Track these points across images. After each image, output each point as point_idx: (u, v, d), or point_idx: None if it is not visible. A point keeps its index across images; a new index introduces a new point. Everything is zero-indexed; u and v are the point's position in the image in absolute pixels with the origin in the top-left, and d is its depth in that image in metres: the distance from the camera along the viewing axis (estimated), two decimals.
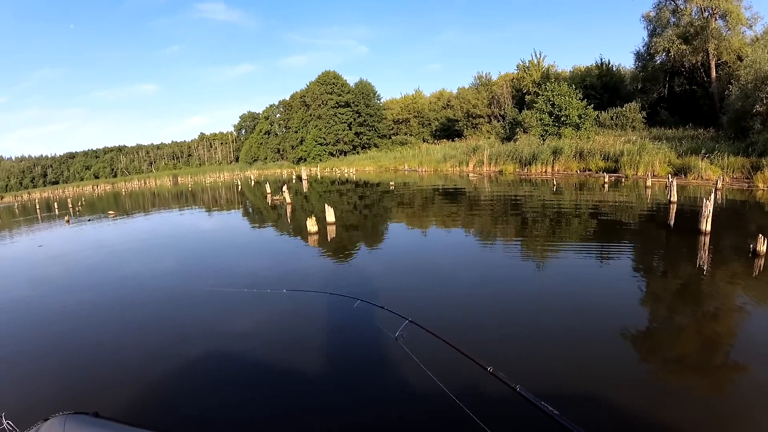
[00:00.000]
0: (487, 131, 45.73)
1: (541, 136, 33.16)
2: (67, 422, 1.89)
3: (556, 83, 34.40)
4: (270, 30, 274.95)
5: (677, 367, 4.68)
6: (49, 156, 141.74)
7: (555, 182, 21.23)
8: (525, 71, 44.82)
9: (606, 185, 18.89)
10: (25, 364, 5.75)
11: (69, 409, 2.02)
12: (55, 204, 41.55)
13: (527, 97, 42.06)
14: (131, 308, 7.71)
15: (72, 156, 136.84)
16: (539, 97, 35.49)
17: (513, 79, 46.77)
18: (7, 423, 2.53)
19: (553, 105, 33.32)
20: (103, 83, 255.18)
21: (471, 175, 30.76)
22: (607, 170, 23.07)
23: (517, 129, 37.91)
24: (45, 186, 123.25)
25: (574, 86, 34.12)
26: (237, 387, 4.70)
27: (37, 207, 43.39)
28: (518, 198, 17.34)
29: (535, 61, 44.85)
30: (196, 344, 5.85)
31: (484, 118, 47.50)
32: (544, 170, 27.30)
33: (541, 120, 33.97)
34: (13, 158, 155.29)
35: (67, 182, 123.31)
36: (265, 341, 5.87)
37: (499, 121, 45.50)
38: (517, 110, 42.03)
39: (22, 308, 8.38)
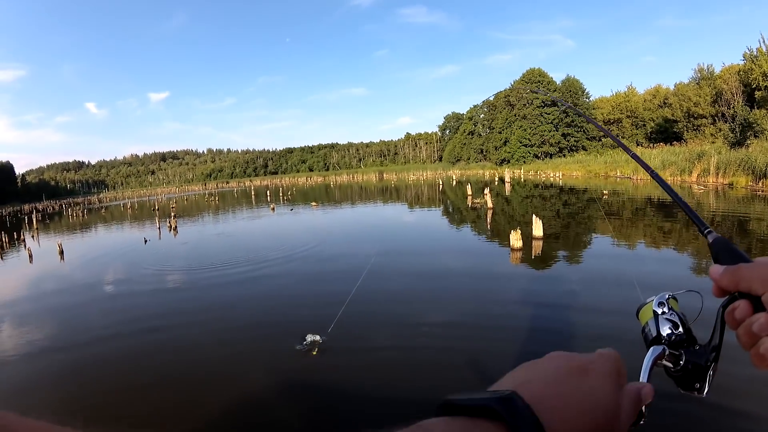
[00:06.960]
0: (712, 134, 42.64)
1: None
2: None
3: None
4: (472, 29, 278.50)
5: None
6: (270, 150, 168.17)
7: None
8: (753, 61, 39.64)
9: None
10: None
11: None
12: (268, 192, 50.73)
13: (757, 93, 38.10)
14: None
15: (290, 150, 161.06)
16: None
17: (740, 71, 41.90)
18: None
19: None
20: (317, 88, 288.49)
21: (695, 186, 28.36)
22: None
23: (749, 132, 35.15)
24: (265, 175, 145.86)
25: None
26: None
27: (252, 194, 54.68)
28: (744, 219, 15.34)
29: (764, 49, 39.20)
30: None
31: (708, 118, 44.26)
32: None
33: None
34: (240, 150, 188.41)
35: (284, 173, 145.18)
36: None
37: (726, 122, 42.13)
38: (748, 109, 38.59)
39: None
